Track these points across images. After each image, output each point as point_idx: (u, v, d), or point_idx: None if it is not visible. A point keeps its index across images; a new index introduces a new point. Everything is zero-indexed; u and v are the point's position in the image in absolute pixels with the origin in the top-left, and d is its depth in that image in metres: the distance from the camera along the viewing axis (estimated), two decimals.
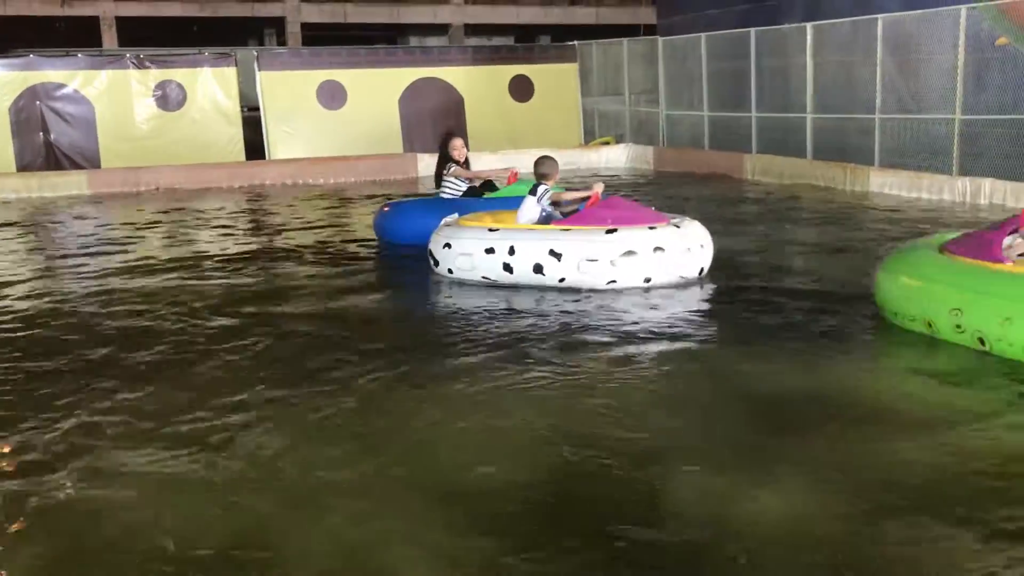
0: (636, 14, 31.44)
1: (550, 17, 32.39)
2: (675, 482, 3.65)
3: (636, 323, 5.95)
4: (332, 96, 17.62)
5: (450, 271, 7.31)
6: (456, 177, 8.89)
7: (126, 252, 9.43)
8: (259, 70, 17.22)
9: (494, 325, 6.07)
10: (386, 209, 9.26)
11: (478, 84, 18.59)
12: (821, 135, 13.85)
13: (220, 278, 7.89)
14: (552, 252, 6.83)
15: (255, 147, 17.24)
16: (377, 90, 17.86)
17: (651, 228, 6.86)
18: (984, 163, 11.13)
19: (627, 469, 3.75)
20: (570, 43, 20.16)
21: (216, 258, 8.89)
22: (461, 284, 7.25)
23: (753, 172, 14.71)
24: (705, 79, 16.21)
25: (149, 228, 11.26)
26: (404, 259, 8.35)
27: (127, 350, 5.65)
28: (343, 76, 17.72)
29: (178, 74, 16.89)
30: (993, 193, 10.70)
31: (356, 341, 5.74)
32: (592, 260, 6.75)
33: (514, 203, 8.24)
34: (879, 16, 12.52)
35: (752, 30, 15.02)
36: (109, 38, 26.81)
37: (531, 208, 7.36)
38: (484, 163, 17.19)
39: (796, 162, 14.01)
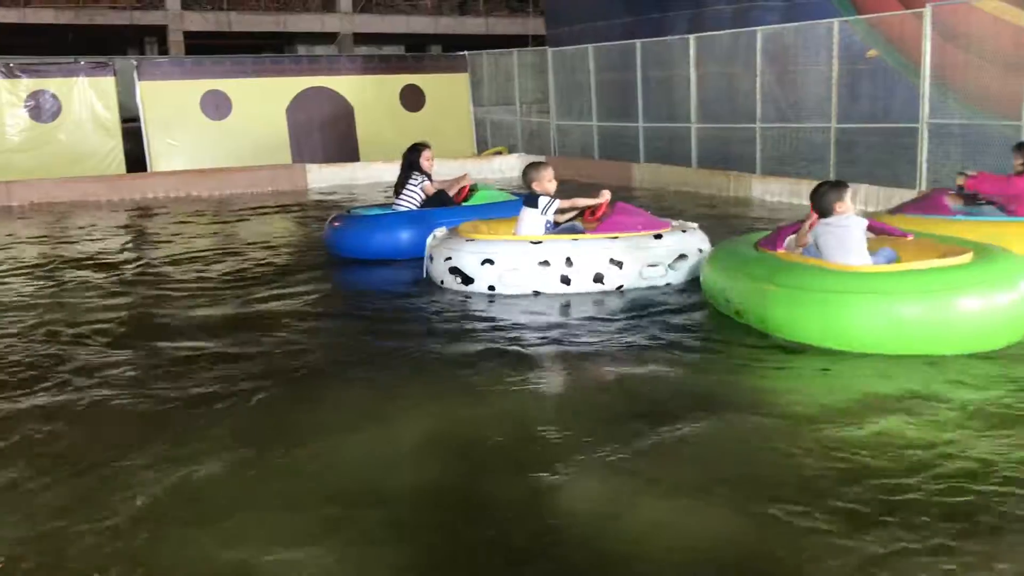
0: (525, 24, 31.74)
1: (440, 27, 32.41)
2: (566, 488, 3.65)
3: (526, 330, 5.97)
4: (216, 106, 17.20)
5: (491, 287, 6.93)
6: (423, 191, 8.77)
7: None
8: (139, 80, 16.68)
9: (390, 331, 6.01)
10: (337, 224, 8.75)
11: (368, 93, 18.43)
12: (705, 144, 14.23)
13: (101, 298, 7.58)
14: (612, 261, 6.84)
15: (136, 159, 16.69)
16: (263, 100, 17.52)
17: (684, 232, 7.23)
18: (859, 169, 11.60)
19: (519, 477, 3.74)
20: (461, 53, 20.19)
21: (98, 277, 8.53)
22: (363, 292, 7.18)
23: (641, 181, 15.01)
24: (594, 90, 16.46)
25: (21, 246, 10.75)
26: (317, 270, 8.29)
27: None
28: (228, 86, 17.32)
29: (52, 84, 16.21)
30: (868, 197, 11.15)
31: (248, 354, 5.58)
32: (652, 265, 6.93)
33: (485, 211, 8.32)
34: (758, 28, 12.95)
35: (637, 42, 15.32)
36: None
37: (534, 220, 7.07)
38: (374, 172, 17.18)
39: (682, 171, 14.37)
